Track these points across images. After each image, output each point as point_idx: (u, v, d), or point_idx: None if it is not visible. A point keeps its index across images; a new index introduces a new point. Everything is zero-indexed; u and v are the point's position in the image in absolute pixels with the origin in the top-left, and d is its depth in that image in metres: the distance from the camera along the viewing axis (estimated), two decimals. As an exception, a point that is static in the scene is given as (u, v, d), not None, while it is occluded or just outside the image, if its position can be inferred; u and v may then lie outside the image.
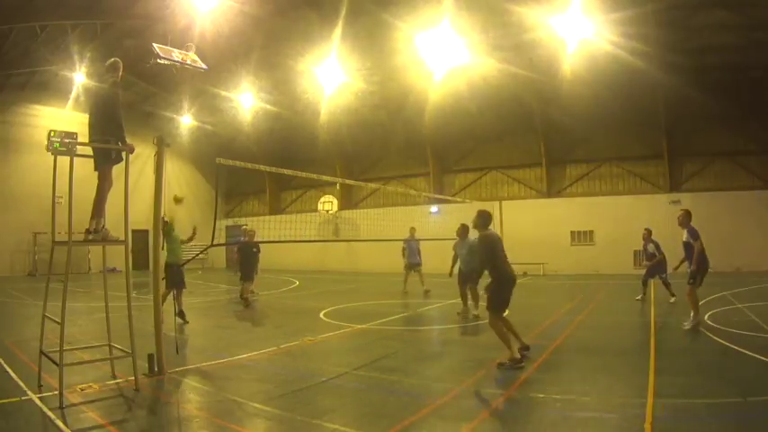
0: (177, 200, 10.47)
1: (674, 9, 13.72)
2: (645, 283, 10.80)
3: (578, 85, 16.65)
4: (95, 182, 5.02)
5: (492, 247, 5.76)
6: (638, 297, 10.62)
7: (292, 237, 8.38)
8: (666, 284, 10.44)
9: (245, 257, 11.40)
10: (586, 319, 8.72)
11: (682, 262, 7.98)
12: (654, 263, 10.63)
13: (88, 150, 4.95)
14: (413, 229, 13.28)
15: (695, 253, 7.38)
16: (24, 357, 5.82)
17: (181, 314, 8.39)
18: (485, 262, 5.82)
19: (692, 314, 7.32)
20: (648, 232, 11.00)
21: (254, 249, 11.45)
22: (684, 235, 7.65)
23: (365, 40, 16.56)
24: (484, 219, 5.96)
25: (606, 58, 15.02)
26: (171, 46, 6.24)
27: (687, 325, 7.26)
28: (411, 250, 13.12)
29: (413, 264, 13.09)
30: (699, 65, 15.83)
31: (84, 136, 4.87)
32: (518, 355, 5.40)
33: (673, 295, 10.21)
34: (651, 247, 10.76)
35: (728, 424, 3.73)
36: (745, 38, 14.76)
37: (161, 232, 7.23)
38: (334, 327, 8.36)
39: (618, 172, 19.95)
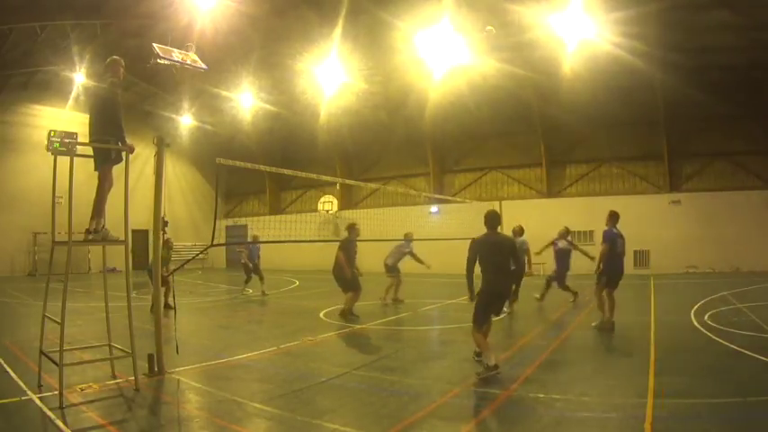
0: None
1: (674, 9, 13.71)
2: (565, 288, 10.56)
3: (578, 85, 16.65)
4: (95, 182, 5.02)
5: (475, 251, 5.31)
6: (572, 300, 10.42)
7: (292, 237, 8.39)
8: (549, 285, 10.43)
9: (350, 258, 9.32)
10: (586, 319, 8.71)
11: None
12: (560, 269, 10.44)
13: (88, 150, 4.96)
14: (409, 234, 11.61)
15: (599, 255, 7.71)
16: (24, 357, 5.82)
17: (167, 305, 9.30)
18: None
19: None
20: (566, 231, 10.67)
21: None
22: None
23: (365, 40, 16.56)
24: (487, 219, 5.43)
25: (606, 57, 15.02)
26: (171, 46, 6.23)
27: (594, 323, 7.61)
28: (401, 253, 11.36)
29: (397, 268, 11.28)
30: (699, 65, 15.83)
31: (84, 136, 4.87)
32: (492, 362, 4.97)
33: (545, 290, 10.38)
34: (563, 243, 10.45)
35: (728, 424, 3.73)
36: (745, 38, 14.76)
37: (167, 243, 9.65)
38: (334, 327, 8.36)
39: (618, 172, 19.96)
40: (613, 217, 7.80)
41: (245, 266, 13.66)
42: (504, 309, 8.18)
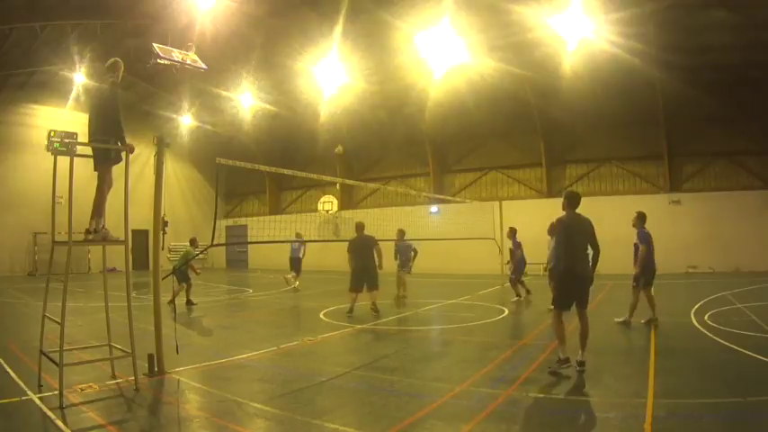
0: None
1: (673, 9, 13.71)
2: (517, 284, 11.05)
3: (578, 85, 16.63)
4: (95, 182, 5.02)
5: (567, 232, 5.30)
6: (514, 299, 10.84)
7: (292, 237, 8.42)
8: (513, 283, 10.98)
9: (362, 259, 9.45)
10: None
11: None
12: (516, 262, 11.00)
13: (88, 150, 4.96)
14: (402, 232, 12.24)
15: (639, 257, 7.73)
16: (24, 357, 5.82)
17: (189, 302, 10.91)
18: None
19: (651, 312, 7.76)
20: (512, 231, 11.22)
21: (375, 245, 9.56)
22: (635, 237, 7.91)
23: (364, 40, 16.55)
24: (572, 199, 5.43)
25: (606, 57, 15.01)
26: (171, 46, 6.23)
27: (643, 320, 7.71)
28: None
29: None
30: (698, 64, 15.81)
31: (84, 136, 4.87)
32: (564, 354, 5.06)
33: (518, 295, 10.84)
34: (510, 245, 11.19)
35: (728, 424, 3.73)
36: (744, 38, 14.74)
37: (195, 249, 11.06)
38: (334, 327, 8.36)
39: (618, 172, 19.94)
40: (642, 217, 7.90)
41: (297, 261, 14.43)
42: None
